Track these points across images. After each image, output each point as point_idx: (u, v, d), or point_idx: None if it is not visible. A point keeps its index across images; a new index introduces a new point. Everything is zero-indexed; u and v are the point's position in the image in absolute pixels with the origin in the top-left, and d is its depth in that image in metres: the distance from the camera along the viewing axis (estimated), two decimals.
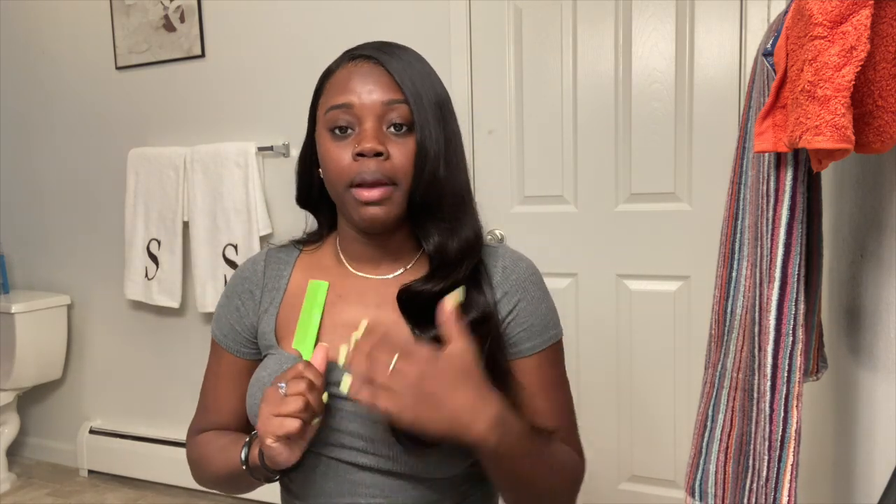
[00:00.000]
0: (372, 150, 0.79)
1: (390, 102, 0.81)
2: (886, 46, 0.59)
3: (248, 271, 0.96)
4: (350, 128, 0.82)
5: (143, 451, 2.60)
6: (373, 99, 0.81)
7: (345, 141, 0.82)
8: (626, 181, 1.90)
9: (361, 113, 0.81)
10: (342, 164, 0.81)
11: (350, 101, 0.82)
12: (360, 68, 0.83)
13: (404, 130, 0.82)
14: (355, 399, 0.70)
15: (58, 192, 2.76)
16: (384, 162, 0.80)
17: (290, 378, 0.75)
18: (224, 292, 0.98)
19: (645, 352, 1.93)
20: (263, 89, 2.31)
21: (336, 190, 0.83)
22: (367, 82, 0.82)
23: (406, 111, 0.82)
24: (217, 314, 0.97)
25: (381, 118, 0.82)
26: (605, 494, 2.00)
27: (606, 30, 1.88)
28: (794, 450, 0.68)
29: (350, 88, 0.82)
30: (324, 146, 0.84)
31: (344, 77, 0.84)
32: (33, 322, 2.63)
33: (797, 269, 0.68)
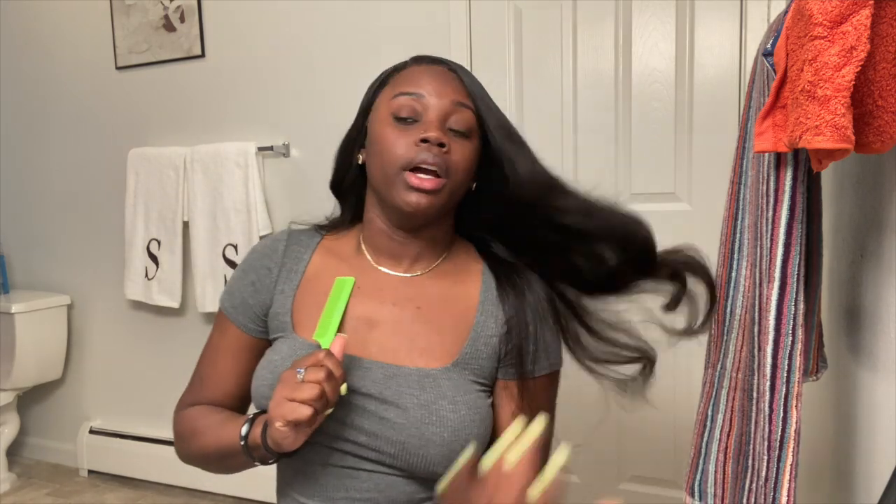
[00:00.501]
0: (437, 138, 0.82)
1: (459, 104, 0.85)
2: (886, 46, 0.59)
3: (269, 248, 0.95)
4: (414, 118, 0.84)
5: (143, 451, 2.60)
6: (442, 97, 0.85)
7: (407, 129, 0.84)
8: (626, 181, 1.90)
9: (429, 106, 0.84)
10: (400, 148, 0.83)
11: (421, 91, 0.85)
12: (433, 69, 0.88)
13: (464, 135, 0.85)
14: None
15: (58, 192, 2.76)
16: (445, 154, 0.83)
17: (309, 364, 0.74)
18: (240, 265, 0.97)
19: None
20: (263, 89, 2.31)
21: (387, 172, 0.84)
22: (439, 81, 0.86)
23: (470, 118, 0.86)
24: (230, 286, 0.96)
25: (445, 117, 0.85)
26: (605, 494, 2.00)
27: (606, 30, 1.88)
28: (794, 450, 0.68)
29: (423, 82, 0.86)
30: (382, 130, 0.85)
31: (417, 72, 0.88)
32: (33, 322, 2.63)
33: (797, 269, 0.68)
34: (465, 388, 0.84)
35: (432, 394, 0.82)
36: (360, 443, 0.82)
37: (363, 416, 0.82)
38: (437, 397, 0.82)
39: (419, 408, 0.81)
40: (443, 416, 0.81)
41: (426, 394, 0.82)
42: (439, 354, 0.86)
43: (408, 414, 0.81)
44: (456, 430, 0.81)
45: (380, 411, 0.82)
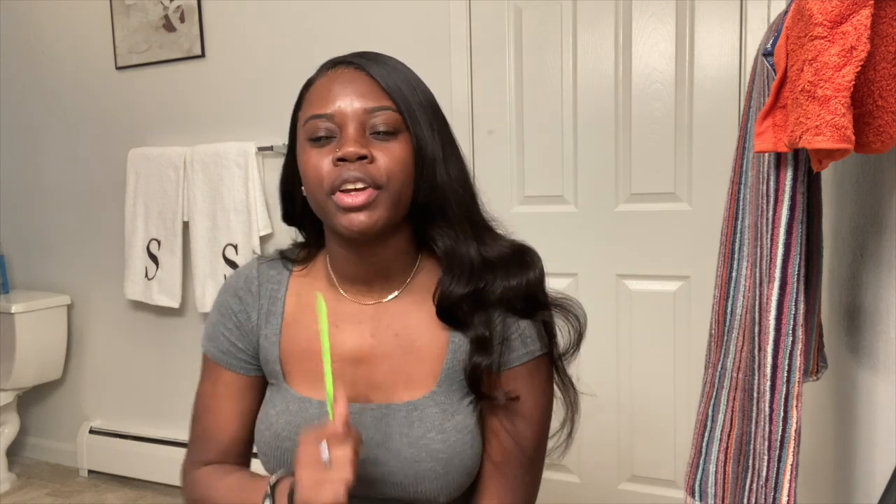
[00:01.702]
0: (354, 153, 0.76)
1: (374, 110, 0.78)
2: (886, 46, 0.59)
3: (242, 290, 0.91)
4: (331, 136, 0.78)
5: (143, 451, 2.60)
6: (354, 107, 0.78)
7: (325, 149, 0.78)
8: (626, 181, 1.90)
9: (342, 121, 0.78)
10: (322, 171, 0.77)
11: (330, 110, 0.78)
12: (340, 75, 0.80)
13: (390, 135, 0.79)
14: None
15: (58, 192, 2.76)
16: (368, 165, 0.76)
17: (331, 441, 0.70)
18: (216, 308, 0.92)
19: (645, 352, 1.93)
20: (263, 89, 2.31)
21: (316, 199, 0.79)
22: (347, 90, 0.79)
23: (392, 116, 0.79)
24: (211, 331, 0.91)
25: (363, 124, 0.78)
26: (605, 494, 2.00)
27: (606, 30, 1.88)
28: (794, 450, 0.68)
29: (331, 97, 0.79)
30: (303, 156, 0.80)
31: (323, 86, 0.81)
32: (33, 322, 2.63)
33: (797, 269, 0.68)
34: (453, 409, 0.82)
35: (420, 429, 0.81)
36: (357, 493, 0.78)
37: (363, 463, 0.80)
38: (425, 431, 0.81)
39: (409, 447, 0.80)
40: (433, 449, 0.80)
41: (414, 430, 0.81)
42: (423, 379, 0.83)
43: (399, 455, 0.80)
44: (448, 460, 0.80)
45: (373, 457, 0.81)
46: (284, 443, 0.83)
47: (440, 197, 0.81)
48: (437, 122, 0.82)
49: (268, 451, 0.85)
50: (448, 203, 0.81)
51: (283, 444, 0.84)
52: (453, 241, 0.82)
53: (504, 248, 0.85)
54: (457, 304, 0.81)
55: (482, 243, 0.83)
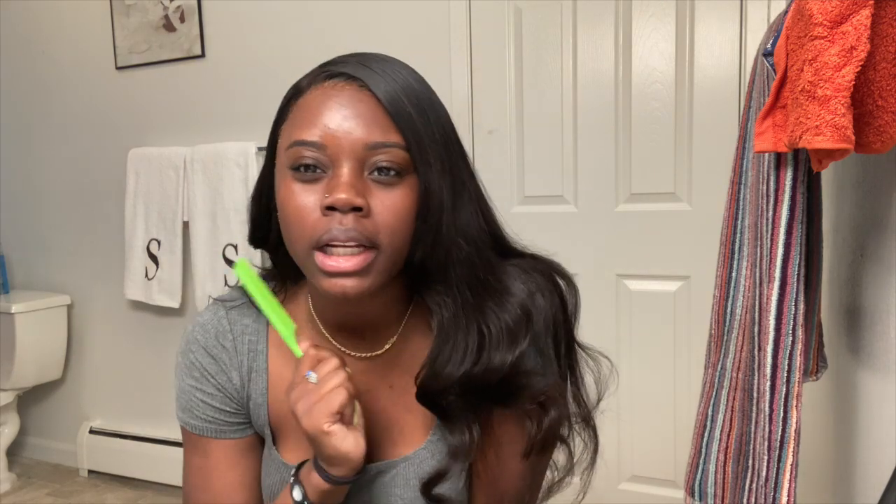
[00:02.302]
0: (347, 203, 0.60)
1: (377, 146, 0.62)
2: (886, 46, 0.59)
3: (215, 347, 0.75)
4: (319, 167, 0.63)
5: (143, 451, 2.60)
6: (353, 138, 0.62)
7: (313, 185, 0.63)
8: (626, 181, 1.90)
9: (336, 154, 0.62)
10: (306, 218, 0.62)
11: (321, 139, 0.62)
12: (338, 92, 0.64)
13: (393, 176, 0.63)
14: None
15: (58, 192, 2.76)
16: (363, 219, 0.62)
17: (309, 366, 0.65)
18: (185, 373, 0.76)
19: (645, 352, 1.93)
20: (263, 89, 2.31)
21: (295, 249, 0.65)
22: (345, 114, 0.63)
23: (399, 155, 0.63)
24: (186, 401, 0.76)
25: (361, 162, 0.63)
26: (605, 494, 2.00)
27: (606, 30, 1.88)
28: (794, 450, 0.68)
29: (322, 121, 0.63)
30: (283, 188, 0.64)
31: (315, 102, 0.65)
32: (33, 322, 2.63)
33: (797, 269, 0.68)
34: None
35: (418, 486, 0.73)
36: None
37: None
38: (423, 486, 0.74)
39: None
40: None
41: (410, 489, 0.74)
42: (419, 430, 0.75)
43: None
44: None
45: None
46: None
47: (442, 254, 0.66)
48: (450, 158, 0.67)
49: None
50: (451, 263, 0.66)
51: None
52: (452, 314, 0.67)
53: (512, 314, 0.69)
54: (442, 392, 0.68)
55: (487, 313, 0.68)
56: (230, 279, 2.33)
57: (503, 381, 0.67)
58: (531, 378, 0.69)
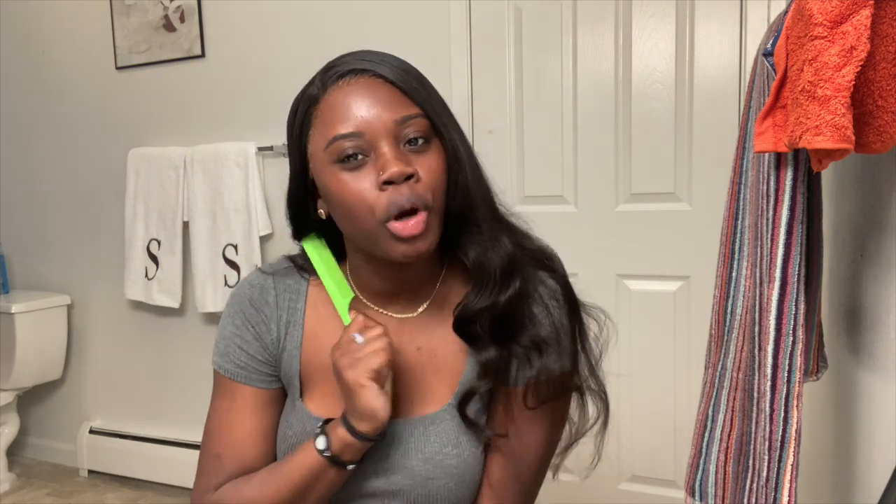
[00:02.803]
0: (402, 174, 0.69)
1: (404, 119, 0.72)
2: (886, 46, 0.59)
3: (259, 300, 0.84)
4: (362, 155, 0.72)
5: (143, 451, 2.60)
6: (383, 120, 0.71)
7: (361, 171, 0.72)
8: (626, 181, 1.90)
9: (374, 138, 0.71)
10: (368, 199, 0.71)
11: (357, 128, 0.71)
12: (355, 87, 0.73)
13: (423, 144, 0.73)
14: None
15: (58, 192, 2.76)
16: (416, 185, 0.71)
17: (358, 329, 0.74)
18: (229, 321, 0.85)
19: (645, 352, 1.93)
20: (263, 89, 2.31)
21: (365, 228, 0.72)
22: (369, 102, 0.72)
23: (423, 123, 0.73)
24: (225, 346, 0.84)
25: (396, 137, 0.72)
26: (605, 494, 2.00)
27: (606, 30, 1.88)
28: (794, 450, 0.68)
29: (353, 113, 0.71)
30: (335, 182, 0.73)
31: (338, 101, 0.73)
32: (33, 322, 2.63)
33: (797, 269, 0.68)
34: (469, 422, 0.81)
35: (436, 444, 0.80)
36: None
37: (374, 482, 0.81)
38: (441, 446, 0.80)
39: (423, 463, 0.80)
40: (447, 465, 0.80)
41: (430, 445, 0.80)
42: (441, 393, 0.82)
43: (413, 472, 0.80)
44: (460, 476, 0.80)
45: (389, 473, 0.81)
46: None
47: (470, 201, 0.76)
48: (452, 119, 0.78)
49: None
50: (477, 206, 0.76)
51: None
52: (484, 249, 0.76)
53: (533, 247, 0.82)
54: (474, 318, 0.76)
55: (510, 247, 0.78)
56: (230, 279, 2.33)
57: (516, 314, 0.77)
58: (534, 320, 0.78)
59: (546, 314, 0.79)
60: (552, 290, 0.81)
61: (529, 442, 0.82)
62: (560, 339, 0.79)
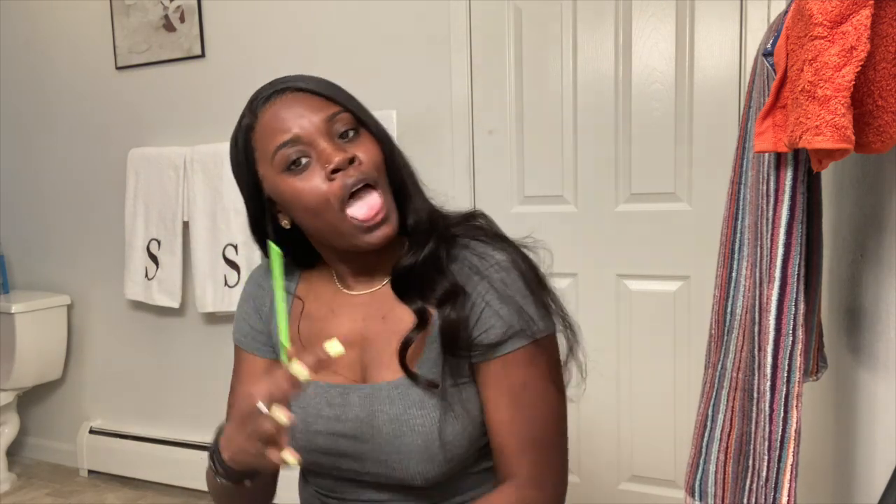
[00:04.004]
0: (344, 159, 0.78)
1: (331, 117, 0.81)
2: (886, 46, 0.59)
3: (261, 278, 0.98)
4: (304, 157, 0.80)
5: (143, 451, 2.60)
6: (314, 121, 0.80)
7: (307, 171, 0.80)
8: (626, 181, 1.90)
9: (311, 139, 0.79)
10: (321, 192, 0.78)
11: (294, 134, 0.79)
12: (282, 103, 0.82)
13: (353, 135, 0.82)
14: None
15: (58, 192, 2.76)
16: (359, 166, 0.79)
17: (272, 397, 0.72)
18: (241, 299, 1.00)
19: (645, 352, 1.93)
20: None
21: (328, 221, 0.80)
22: (297, 111, 0.80)
23: (347, 117, 0.82)
24: (236, 319, 1.00)
25: (329, 134, 0.80)
26: (605, 494, 2.00)
27: (606, 30, 1.88)
28: (794, 450, 0.68)
29: (286, 124, 0.80)
30: (289, 189, 0.80)
31: (270, 118, 0.81)
32: (33, 322, 2.63)
33: (797, 269, 0.68)
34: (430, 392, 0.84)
35: (401, 405, 0.83)
36: (350, 468, 0.86)
37: (346, 443, 0.85)
38: (406, 406, 0.83)
39: (390, 423, 0.83)
40: (412, 424, 0.82)
41: (395, 407, 0.83)
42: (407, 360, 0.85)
43: (381, 432, 0.83)
44: (428, 435, 0.82)
45: (358, 435, 0.84)
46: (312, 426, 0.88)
47: (404, 177, 0.86)
48: (371, 115, 0.87)
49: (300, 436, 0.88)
50: (407, 182, 0.86)
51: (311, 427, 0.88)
52: (416, 213, 0.85)
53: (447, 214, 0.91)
54: (403, 273, 0.84)
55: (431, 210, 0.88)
56: (230, 279, 2.33)
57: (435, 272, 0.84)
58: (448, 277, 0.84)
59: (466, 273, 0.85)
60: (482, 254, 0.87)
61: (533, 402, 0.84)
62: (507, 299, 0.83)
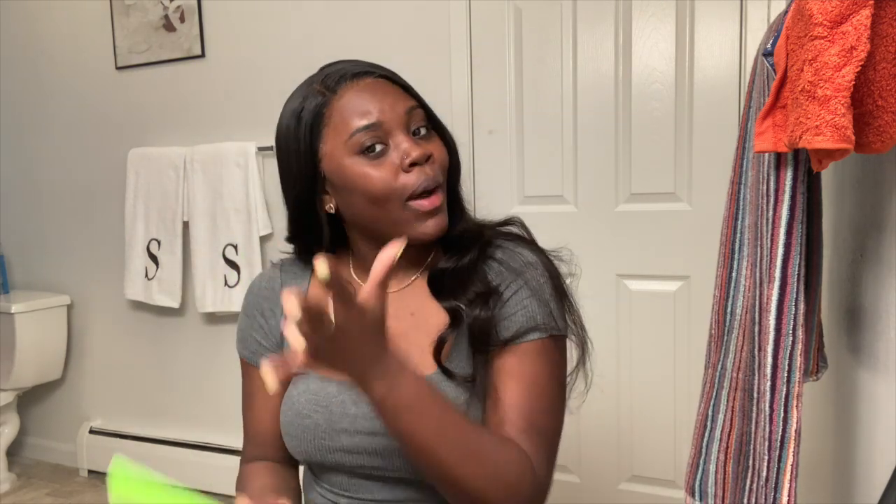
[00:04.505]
0: (423, 154, 0.79)
1: (410, 110, 0.82)
2: (886, 46, 0.59)
3: (266, 289, 0.96)
4: (380, 144, 0.80)
5: (143, 451, 2.60)
6: (396, 111, 0.81)
7: (381, 160, 0.80)
8: (626, 181, 1.90)
9: (390, 128, 0.80)
10: (392, 182, 0.79)
11: (376, 119, 0.80)
12: (366, 87, 0.82)
13: (425, 133, 0.83)
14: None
15: (58, 192, 2.76)
16: (433, 164, 0.81)
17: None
18: (243, 311, 0.98)
19: (645, 352, 1.93)
20: (263, 89, 2.31)
21: (388, 210, 0.81)
22: (381, 97, 0.81)
23: (422, 114, 0.84)
24: (240, 334, 0.97)
25: (406, 127, 0.82)
26: (605, 494, 2.00)
27: (606, 30, 1.88)
28: (794, 450, 0.68)
29: (368, 106, 0.80)
30: (358, 173, 0.80)
31: (352, 99, 0.81)
32: (33, 322, 2.63)
33: (797, 269, 0.68)
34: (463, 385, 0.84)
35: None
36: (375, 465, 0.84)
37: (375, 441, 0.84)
38: None
39: None
40: None
41: None
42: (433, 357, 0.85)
43: None
44: None
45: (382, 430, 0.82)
46: (305, 420, 0.86)
47: (458, 189, 0.88)
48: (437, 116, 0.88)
49: (290, 429, 0.88)
50: (460, 194, 0.88)
51: (304, 420, 0.87)
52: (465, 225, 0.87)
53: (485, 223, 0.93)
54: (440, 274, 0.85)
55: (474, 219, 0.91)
56: (230, 279, 2.33)
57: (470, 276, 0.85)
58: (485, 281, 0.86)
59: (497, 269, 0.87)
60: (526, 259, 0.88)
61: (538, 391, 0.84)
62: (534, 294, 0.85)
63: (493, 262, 0.87)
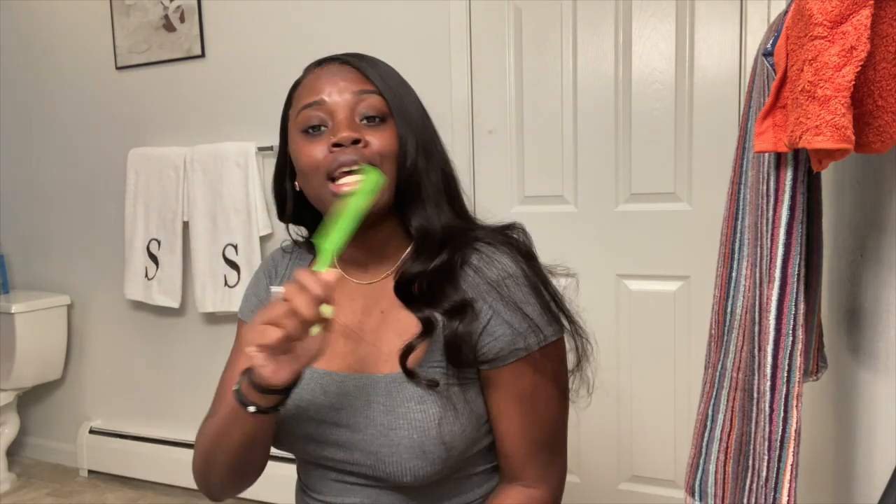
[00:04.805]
0: (348, 138, 0.79)
1: (361, 92, 0.82)
2: (886, 46, 0.59)
3: (278, 257, 1.01)
4: (323, 125, 0.82)
5: (143, 451, 2.60)
6: (344, 95, 0.82)
7: (318, 138, 0.82)
8: (626, 181, 1.90)
9: (333, 108, 0.82)
10: (317, 158, 0.81)
11: (320, 98, 0.82)
12: (327, 69, 0.85)
13: (378, 121, 0.82)
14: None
15: (58, 192, 2.76)
16: (362, 149, 0.80)
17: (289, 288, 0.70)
18: (253, 280, 1.02)
19: (645, 352, 1.93)
20: (263, 89, 2.31)
21: (313, 186, 0.83)
22: (335, 80, 0.83)
23: (378, 101, 0.82)
24: (246, 294, 1.01)
25: (353, 110, 0.82)
26: (605, 494, 2.00)
27: (606, 30, 1.88)
28: (794, 450, 0.68)
29: (319, 87, 0.83)
30: (297, 148, 0.84)
31: (312, 79, 0.85)
32: (33, 322, 2.63)
33: (797, 269, 0.68)
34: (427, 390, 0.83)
35: (399, 399, 0.82)
36: (339, 458, 0.84)
37: (337, 432, 0.84)
38: (404, 400, 0.81)
39: (385, 413, 0.81)
40: (410, 417, 0.80)
41: (393, 399, 0.82)
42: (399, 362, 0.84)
43: (375, 422, 0.82)
44: (425, 431, 0.80)
45: (351, 424, 0.83)
46: (305, 413, 0.87)
47: (419, 179, 0.84)
48: (418, 113, 0.86)
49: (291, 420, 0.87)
50: (423, 186, 0.84)
51: (304, 413, 0.87)
52: (426, 221, 0.84)
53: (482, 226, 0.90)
54: (410, 280, 0.83)
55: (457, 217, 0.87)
56: (230, 279, 2.33)
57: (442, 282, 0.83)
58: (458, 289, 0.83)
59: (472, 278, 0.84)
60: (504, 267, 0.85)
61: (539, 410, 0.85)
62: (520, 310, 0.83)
63: (467, 269, 0.84)
